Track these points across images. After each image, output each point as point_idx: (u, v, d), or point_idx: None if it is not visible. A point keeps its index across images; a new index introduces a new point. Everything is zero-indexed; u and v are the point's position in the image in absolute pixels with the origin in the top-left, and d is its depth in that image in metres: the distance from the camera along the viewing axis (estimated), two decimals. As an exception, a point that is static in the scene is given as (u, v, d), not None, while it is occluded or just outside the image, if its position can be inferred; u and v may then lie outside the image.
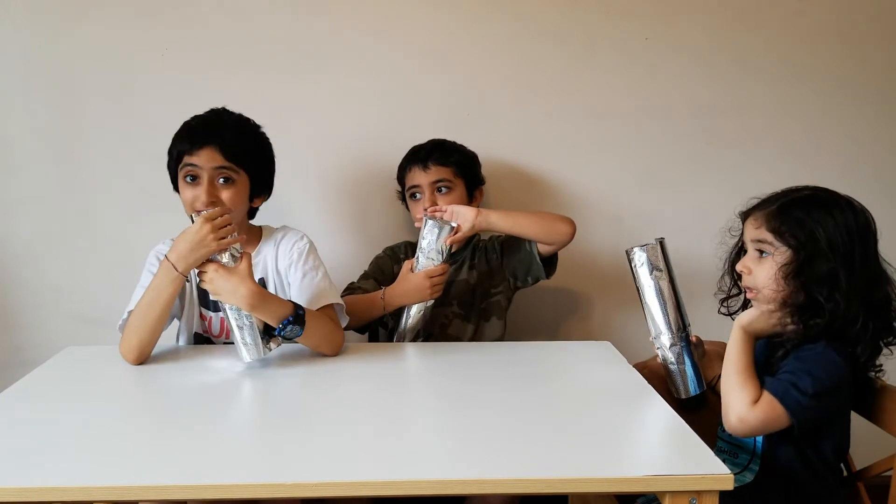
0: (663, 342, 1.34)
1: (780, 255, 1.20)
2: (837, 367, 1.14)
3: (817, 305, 1.16)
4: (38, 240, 1.88)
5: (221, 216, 1.33)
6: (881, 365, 1.21)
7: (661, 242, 1.35)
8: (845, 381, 1.16)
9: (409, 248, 1.80)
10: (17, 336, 1.90)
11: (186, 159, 1.42)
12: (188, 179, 1.43)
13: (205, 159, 1.41)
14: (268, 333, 1.34)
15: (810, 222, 1.17)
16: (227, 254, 1.33)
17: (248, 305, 1.29)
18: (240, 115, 1.49)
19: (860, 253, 1.15)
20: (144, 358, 1.36)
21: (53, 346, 1.48)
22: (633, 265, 1.35)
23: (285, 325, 1.32)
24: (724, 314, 1.33)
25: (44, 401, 1.18)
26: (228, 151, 1.43)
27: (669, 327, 1.33)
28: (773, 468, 1.20)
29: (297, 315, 1.33)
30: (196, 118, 1.48)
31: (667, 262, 1.34)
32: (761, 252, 1.22)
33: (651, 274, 1.32)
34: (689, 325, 1.36)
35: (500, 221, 1.62)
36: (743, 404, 1.13)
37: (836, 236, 1.15)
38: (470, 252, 1.77)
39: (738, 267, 1.26)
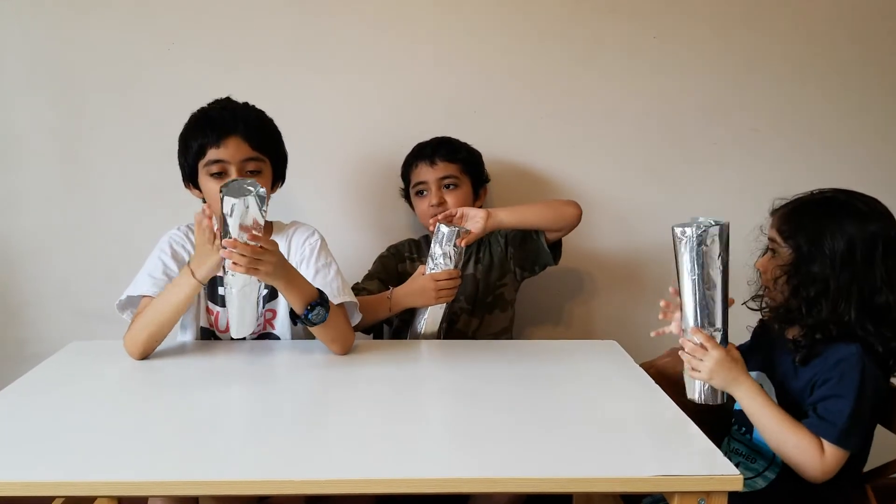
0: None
1: (782, 254, 1.20)
2: (875, 377, 1.14)
3: (802, 307, 1.16)
4: (42, 235, 1.87)
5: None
6: None
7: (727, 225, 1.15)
8: (881, 389, 1.16)
9: (413, 246, 1.80)
10: (22, 331, 1.90)
11: (212, 153, 1.38)
12: (214, 174, 1.39)
13: (232, 151, 1.38)
14: (293, 320, 1.33)
15: (813, 226, 1.17)
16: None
17: (285, 280, 1.27)
18: (248, 103, 1.47)
19: (862, 260, 1.14)
20: (148, 354, 1.36)
21: (58, 341, 1.48)
22: (696, 242, 1.12)
23: (313, 307, 1.30)
24: (753, 309, 1.29)
25: (49, 396, 1.18)
26: (254, 140, 1.40)
27: (711, 323, 1.16)
28: (792, 474, 1.17)
29: (323, 299, 1.32)
30: (210, 108, 1.44)
31: (727, 251, 1.14)
32: (773, 251, 1.23)
33: (718, 257, 1.13)
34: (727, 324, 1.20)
35: (510, 219, 1.61)
36: (815, 461, 1.11)
37: (837, 243, 1.15)
38: (475, 247, 1.77)
39: (756, 265, 1.26)
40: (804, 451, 1.11)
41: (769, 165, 1.92)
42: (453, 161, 1.71)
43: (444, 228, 1.55)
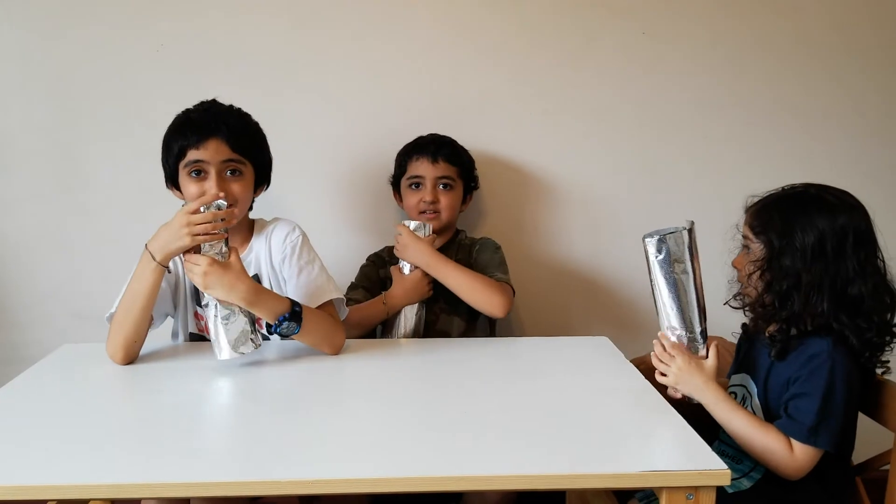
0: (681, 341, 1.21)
1: (754, 250, 1.21)
2: (849, 372, 1.14)
3: (777, 301, 1.17)
4: (35, 237, 1.87)
5: (204, 211, 1.28)
6: (887, 361, 1.21)
7: (690, 230, 1.16)
8: (855, 381, 1.16)
9: (393, 251, 1.79)
10: (14, 333, 1.90)
11: (191, 154, 1.38)
12: (194, 175, 1.39)
13: (212, 152, 1.38)
14: (263, 331, 1.33)
15: (783, 221, 1.18)
16: (219, 246, 1.29)
17: (245, 302, 1.28)
18: (233, 106, 1.47)
19: (833, 253, 1.15)
20: (132, 357, 1.35)
21: (50, 344, 1.48)
22: (657, 250, 1.16)
23: (281, 322, 1.31)
24: (735, 307, 1.30)
25: (40, 398, 1.18)
26: (235, 143, 1.40)
27: (687, 327, 1.19)
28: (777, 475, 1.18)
29: (294, 312, 1.32)
30: (193, 110, 1.44)
31: (692, 254, 1.17)
32: (747, 248, 1.23)
33: (672, 267, 1.16)
34: (706, 321, 1.22)
35: (438, 270, 1.62)
36: (784, 460, 1.13)
37: (808, 237, 1.15)
38: (455, 249, 1.77)
39: (732, 263, 1.27)
40: (773, 451, 1.13)
41: (762, 160, 1.93)
42: (454, 164, 1.74)
43: (413, 225, 1.65)
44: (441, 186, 1.72)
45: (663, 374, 1.20)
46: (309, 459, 0.96)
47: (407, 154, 1.77)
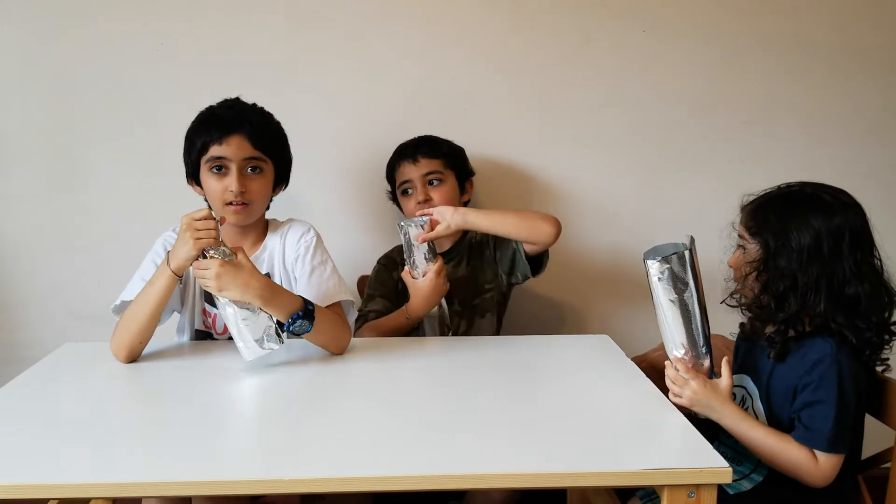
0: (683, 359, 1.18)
1: (750, 251, 1.21)
2: (855, 373, 1.14)
3: (773, 302, 1.17)
4: (34, 236, 1.87)
5: (205, 219, 1.28)
6: (887, 359, 1.21)
7: (691, 248, 1.12)
8: (862, 381, 1.16)
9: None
10: (15, 333, 1.90)
11: (213, 150, 1.39)
12: (215, 171, 1.40)
13: (234, 149, 1.39)
14: (277, 328, 1.32)
15: (779, 221, 1.17)
16: (220, 249, 1.29)
17: (260, 299, 1.27)
18: (256, 104, 1.48)
19: (830, 253, 1.14)
20: (135, 356, 1.35)
21: (50, 343, 1.48)
22: (659, 272, 1.11)
23: (294, 320, 1.30)
24: (732, 306, 1.29)
25: (41, 398, 1.18)
26: (257, 140, 1.41)
27: (691, 344, 1.16)
28: (779, 476, 1.18)
29: (307, 310, 1.31)
30: (217, 107, 1.45)
31: (694, 272, 1.12)
32: (743, 248, 1.23)
33: (675, 287, 1.12)
34: (710, 338, 1.19)
35: (479, 220, 1.59)
36: (811, 471, 1.12)
37: (803, 237, 1.15)
38: (466, 248, 1.77)
39: (728, 262, 1.27)
40: (797, 465, 1.13)
41: (760, 159, 1.93)
42: (436, 157, 1.72)
43: (409, 226, 1.57)
44: (430, 183, 1.70)
45: (678, 396, 1.17)
46: (311, 458, 0.96)
47: (391, 166, 1.77)
